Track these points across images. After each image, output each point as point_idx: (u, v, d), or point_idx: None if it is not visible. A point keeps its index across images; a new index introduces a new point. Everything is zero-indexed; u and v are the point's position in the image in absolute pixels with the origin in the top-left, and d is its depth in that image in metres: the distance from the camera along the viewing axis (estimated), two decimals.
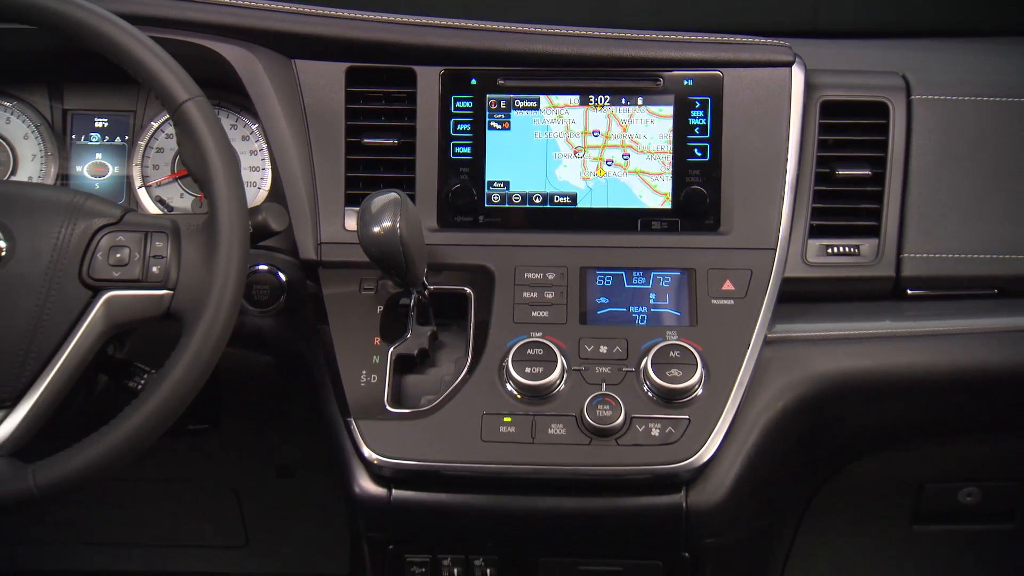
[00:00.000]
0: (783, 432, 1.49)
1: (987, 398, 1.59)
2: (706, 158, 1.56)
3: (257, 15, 1.59)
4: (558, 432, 1.42)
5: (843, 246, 1.56)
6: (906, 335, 1.54)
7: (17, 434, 1.31)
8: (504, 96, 1.58)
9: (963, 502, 1.76)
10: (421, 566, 1.52)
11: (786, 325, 1.52)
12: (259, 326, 1.55)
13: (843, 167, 1.56)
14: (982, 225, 1.56)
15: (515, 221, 1.58)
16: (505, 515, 1.47)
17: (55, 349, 1.33)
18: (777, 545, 1.76)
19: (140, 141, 1.68)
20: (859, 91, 1.59)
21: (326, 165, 1.57)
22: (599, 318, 1.50)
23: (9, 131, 1.69)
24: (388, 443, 1.43)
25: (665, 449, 1.41)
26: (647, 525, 1.47)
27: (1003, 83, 1.61)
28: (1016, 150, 1.58)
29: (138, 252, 1.36)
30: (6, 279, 1.33)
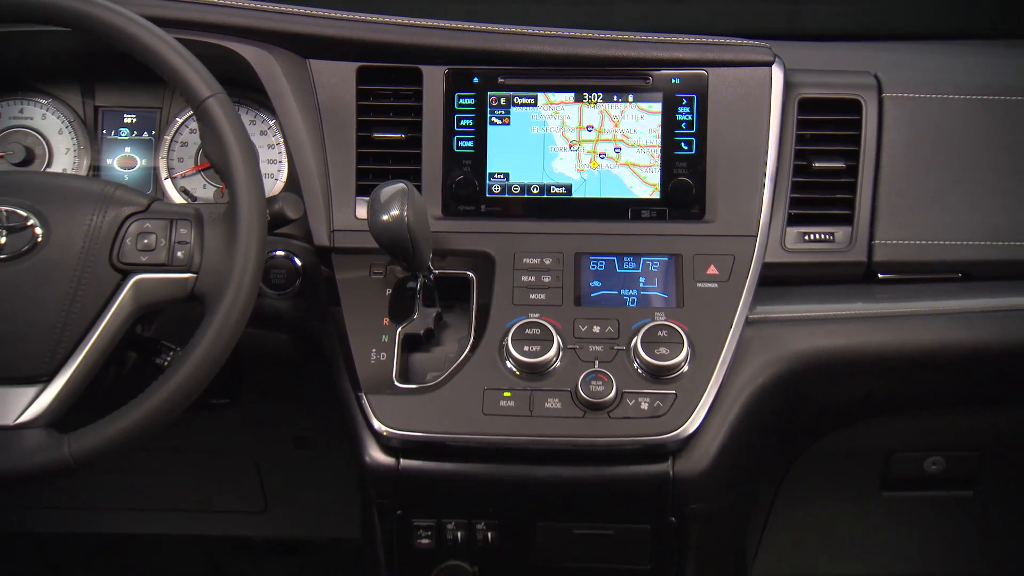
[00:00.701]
0: (763, 406, 1.49)
1: (951, 374, 1.58)
2: (692, 151, 1.56)
3: (275, 18, 1.58)
4: (554, 406, 1.42)
5: (819, 233, 1.55)
6: (877, 316, 1.53)
7: (53, 407, 1.31)
8: (504, 93, 1.58)
9: (928, 470, 1.76)
10: (427, 530, 1.51)
11: (766, 307, 1.52)
12: (276, 307, 1.54)
13: (819, 160, 1.56)
14: (947, 214, 1.56)
15: (514, 210, 1.58)
16: (505, 483, 1.47)
17: (87, 328, 1.33)
18: (757, 510, 1.76)
19: (166, 136, 1.68)
20: (834, 89, 1.58)
21: (338, 158, 1.56)
22: (592, 300, 1.50)
23: (45, 126, 1.68)
24: (396, 416, 1.43)
25: (653, 422, 1.41)
26: (636, 492, 1.47)
27: (968, 83, 1.60)
28: (979, 145, 1.58)
29: (164, 238, 1.36)
30: (42, 263, 1.33)
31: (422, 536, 1.52)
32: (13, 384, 1.32)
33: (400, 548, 1.53)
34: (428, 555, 1.53)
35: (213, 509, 2.09)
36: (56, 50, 1.63)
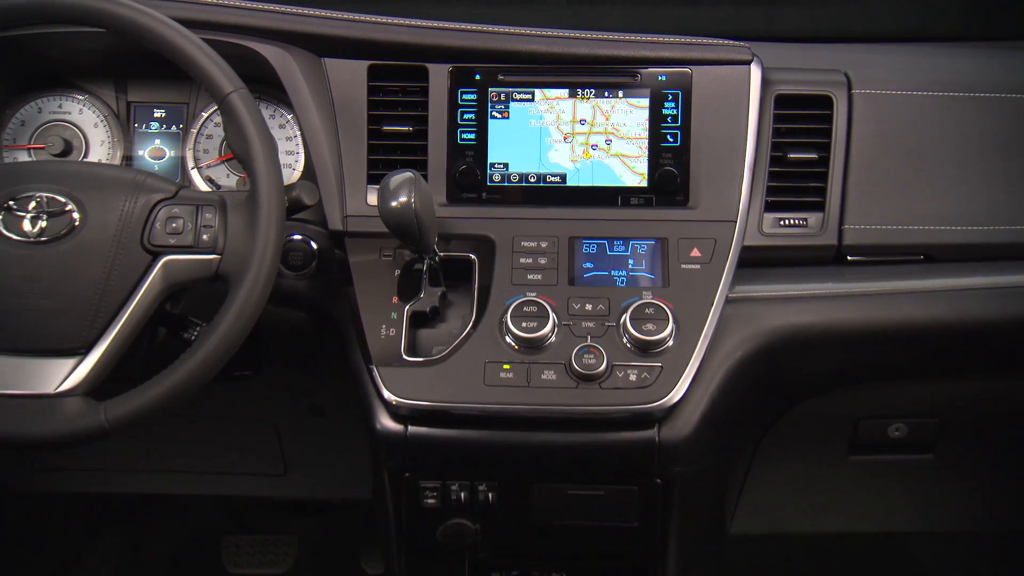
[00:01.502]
0: (741, 377, 1.48)
1: (912, 348, 1.57)
2: (677, 143, 1.55)
3: (292, 20, 1.57)
4: (550, 377, 1.42)
5: (793, 219, 1.54)
6: (846, 295, 1.53)
7: (90, 377, 1.31)
8: (504, 89, 1.56)
9: (891, 436, 1.76)
10: (433, 491, 1.51)
11: (744, 286, 1.51)
12: (294, 287, 1.53)
13: (794, 151, 1.55)
14: (910, 201, 1.55)
15: (513, 197, 1.56)
16: (504, 448, 1.46)
17: (121, 305, 1.32)
18: (735, 472, 1.76)
19: (192, 129, 1.67)
20: (808, 86, 1.57)
21: (351, 149, 1.55)
22: (585, 280, 1.49)
23: (82, 120, 1.67)
24: (405, 387, 1.43)
25: (641, 392, 1.41)
26: (625, 456, 1.46)
27: (931, 81, 1.59)
28: (940, 137, 1.57)
29: (191, 222, 1.35)
30: (79, 245, 1.33)
31: (428, 497, 1.51)
32: (54, 356, 1.31)
33: (408, 508, 1.53)
34: (434, 514, 1.52)
35: (237, 472, 2.08)
36: (92, 50, 1.62)
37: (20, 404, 1.30)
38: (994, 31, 1.86)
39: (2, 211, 1.33)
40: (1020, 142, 1.56)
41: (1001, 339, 1.57)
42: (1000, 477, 1.92)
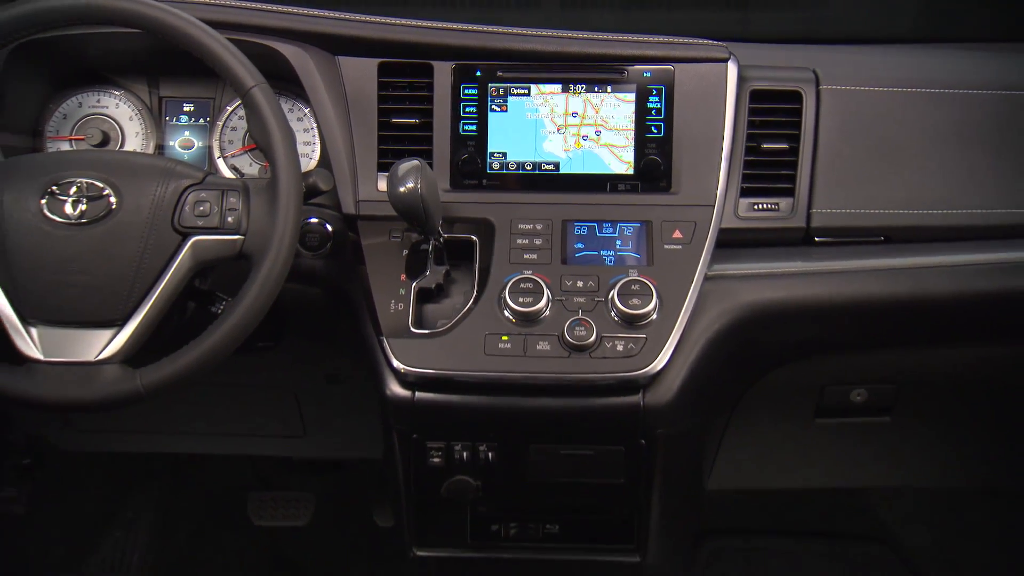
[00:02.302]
0: (718, 348, 1.48)
1: (873, 321, 1.57)
2: (661, 134, 1.53)
3: (309, 21, 1.56)
4: (544, 348, 1.41)
5: (766, 203, 1.53)
6: (813, 272, 1.52)
7: (127, 346, 1.30)
8: (502, 85, 1.55)
9: (853, 401, 1.75)
10: (438, 451, 1.51)
11: (722, 265, 1.50)
12: (311, 266, 1.52)
13: (767, 141, 1.54)
14: (872, 187, 1.54)
15: (511, 184, 1.55)
16: (503, 412, 1.46)
17: (154, 281, 1.32)
18: (712, 434, 1.75)
19: (218, 122, 1.65)
20: (780, 82, 1.56)
21: (362, 139, 1.54)
22: (576, 259, 1.48)
23: (118, 114, 1.66)
24: (412, 356, 1.42)
25: (627, 360, 1.40)
26: (612, 419, 1.46)
27: (891, 78, 1.58)
28: (899, 129, 1.56)
29: (217, 206, 1.35)
30: (116, 226, 1.32)
31: (434, 456, 1.51)
32: (94, 327, 1.31)
33: (416, 466, 1.52)
34: (439, 472, 1.52)
35: (260, 434, 2.08)
36: (128, 49, 1.61)
37: (64, 370, 1.30)
38: (947, 34, 1.84)
39: (46, 196, 1.33)
40: (971, 134, 1.55)
41: (953, 313, 1.56)
42: (951, 438, 1.92)
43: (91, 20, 1.36)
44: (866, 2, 1.97)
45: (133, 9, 1.33)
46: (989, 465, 1.99)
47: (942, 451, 1.94)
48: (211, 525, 2.41)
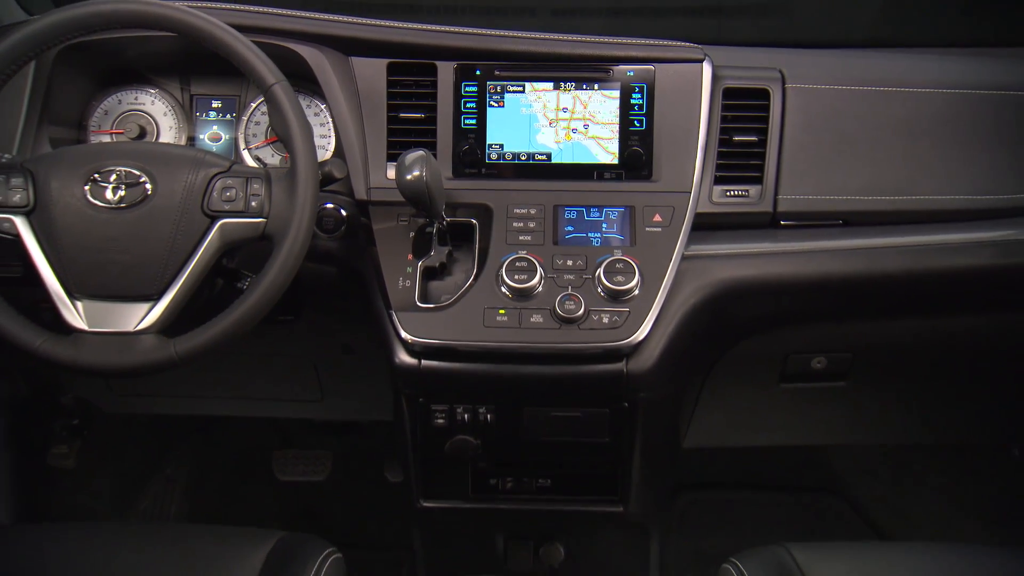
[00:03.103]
0: (694, 320, 1.46)
1: (832, 296, 1.55)
2: (643, 128, 1.52)
3: (325, 25, 1.54)
4: (537, 320, 1.40)
5: (737, 190, 1.52)
6: (779, 253, 1.51)
7: (162, 318, 1.30)
8: (500, 82, 1.53)
9: (814, 367, 1.74)
10: (442, 413, 1.50)
11: (697, 246, 1.48)
12: (327, 247, 1.50)
13: (738, 134, 1.52)
14: (832, 176, 1.52)
15: (507, 172, 1.53)
16: (500, 378, 1.45)
17: (185, 259, 1.31)
18: (688, 397, 1.75)
19: (243, 116, 1.63)
20: (749, 81, 1.54)
21: (373, 132, 1.52)
22: (567, 241, 1.46)
23: (154, 110, 1.64)
24: (418, 328, 1.41)
25: (612, 332, 1.39)
26: (598, 384, 1.45)
27: (849, 77, 1.57)
28: (856, 123, 1.54)
29: (242, 192, 1.33)
30: (151, 210, 1.31)
31: (438, 417, 1.50)
32: (132, 301, 1.30)
33: (422, 426, 1.51)
34: (443, 431, 1.51)
35: (283, 399, 2.07)
36: (162, 51, 1.59)
37: (106, 340, 1.29)
38: (898, 40, 1.82)
39: (89, 182, 1.31)
40: (919, 128, 1.53)
41: (904, 288, 1.54)
42: (901, 400, 1.92)
43: (130, 24, 1.34)
44: (826, 11, 1.96)
45: (168, 15, 1.32)
46: (934, 424, 1.99)
47: (892, 412, 1.94)
48: (239, 479, 2.41)
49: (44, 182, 1.32)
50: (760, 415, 1.86)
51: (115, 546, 1.38)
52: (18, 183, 1.32)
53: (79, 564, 1.33)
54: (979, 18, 1.94)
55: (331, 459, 2.35)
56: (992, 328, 1.67)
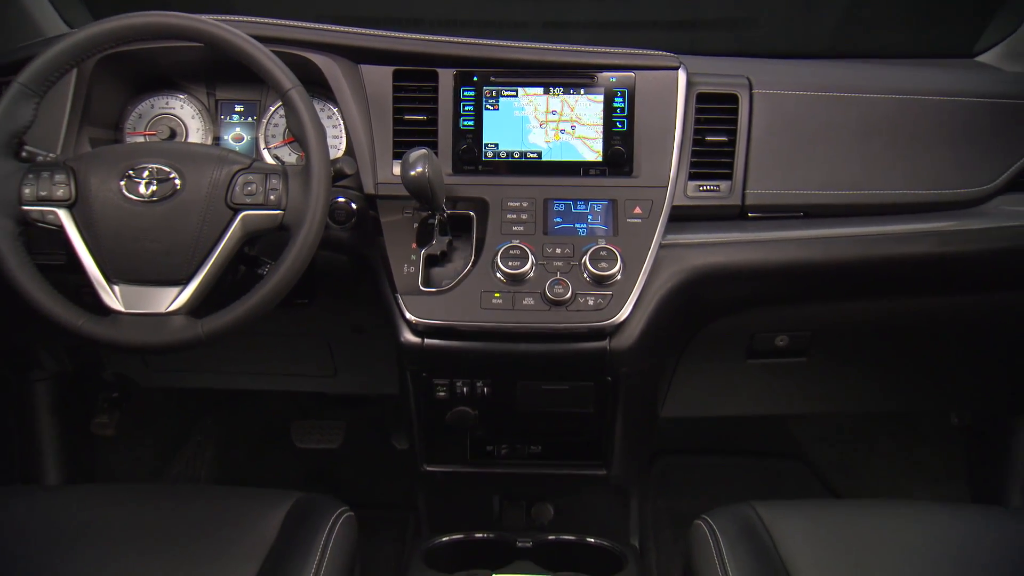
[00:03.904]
0: (670, 302, 1.45)
1: (793, 280, 1.54)
2: (624, 129, 1.50)
3: (337, 36, 1.52)
4: (529, 303, 1.39)
5: (709, 185, 1.50)
6: (746, 242, 1.49)
7: (190, 301, 1.28)
8: (495, 87, 1.51)
9: (777, 345, 1.72)
10: (443, 386, 1.48)
11: (673, 235, 1.47)
12: (339, 236, 1.48)
13: (710, 135, 1.50)
14: (794, 173, 1.51)
15: (502, 169, 1.51)
16: (495, 355, 1.43)
17: (211, 248, 1.29)
18: (665, 372, 1.73)
19: (263, 119, 1.61)
20: (720, 87, 1.52)
21: (380, 132, 1.50)
22: (556, 231, 1.45)
23: (183, 113, 1.62)
24: (421, 310, 1.40)
25: (597, 313, 1.38)
26: (584, 360, 1.43)
27: (809, 84, 1.55)
28: (815, 125, 1.52)
29: (261, 187, 1.31)
30: (180, 203, 1.29)
31: (439, 390, 1.48)
32: (163, 285, 1.29)
33: (425, 399, 1.50)
34: (444, 403, 1.50)
35: (300, 374, 2.06)
36: (191, 60, 1.57)
37: (140, 320, 1.28)
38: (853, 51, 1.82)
39: (124, 178, 1.30)
40: (871, 130, 1.52)
41: (858, 273, 1.53)
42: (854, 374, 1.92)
43: (162, 36, 1.33)
44: (788, 25, 1.96)
45: (196, 27, 1.31)
46: (883, 395, 1.98)
47: (846, 384, 1.93)
48: (262, 447, 2.40)
49: (84, 178, 1.30)
50: (729, 388, 1.85)
51: (151, 505, 1.37)
52: (61, 179, 1.30)
53: (119, 520, 1.33)
54: (923, 33, 1.95)
55: (344, 428, 2.34)
56: (934, 309, 1.66)
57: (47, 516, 1.33)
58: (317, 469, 2.34)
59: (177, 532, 1.31)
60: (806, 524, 1.31)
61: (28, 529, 1.30)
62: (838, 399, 1.95)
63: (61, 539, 1.29)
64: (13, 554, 1.26)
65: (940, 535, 1.29)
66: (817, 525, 1.31)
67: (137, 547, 1.28)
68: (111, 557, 1.26)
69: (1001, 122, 1.53)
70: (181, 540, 1.29)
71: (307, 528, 1.33)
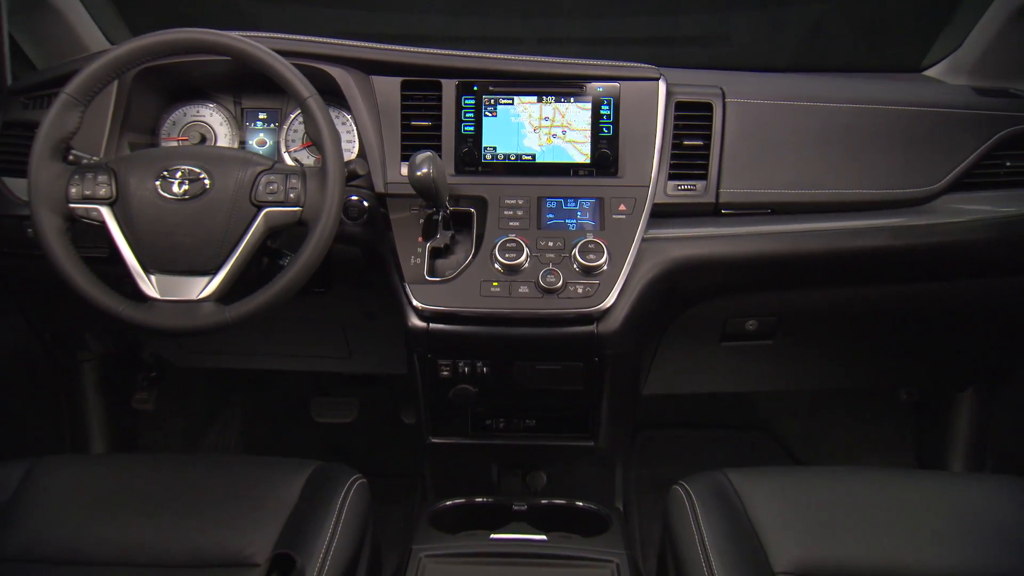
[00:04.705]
0: (651, 291, 1.43)
1: (762, 270, 1.52)
2: (610, 133, 1.48)
3: (351, 50, 1.50)
4: (524, 291, 1.37)
5: (686, 185, 1.48)
6: (720, 235, 1.47)
7: (219, 289, 1.27)
8: (493, 96, 1.49)
9: (747, 329, 1.70)
10: (447, 366, 1.47)
11: (654, 230, 1.45)
12: (352, 231, 1.47)
13: (687, 139, 1.49)
14: (763, 173, 1.50)
15: (499, 170, 1.49)
16: (493, 338, 1.41)
17: (237, 241, 1.28)
18: (647, 353, 1.72)
19: (284, 125, 1.59)
20: (696, 96, 1.50)
21: (389, 137, 1.48)
22: (548, 226, 1.43)
23: (212, 120, 1.60)
24: (427, 297, 1.38)
25: (585, 300, 1.37)
26: (574, 343, 1.42)
27: (776, 94, 1.54)
28: (782, 131, 1.51)
29: (282, 186, 1.30)
30: (210, 201, 1.28)
31: (443, 370, 1.47)
32: (195, 275, 1.28)
33: (431, 378, 1.48)
34: (447, 381, 1.48)
35: (318, 355, 2.04)
36: (219, 72, 1.55)
37: (174, 306, 1.27)
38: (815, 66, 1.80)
39: (159, 179, 1.29)
40: (832, 135, 1.50)
41: (818, 264, 1.52)
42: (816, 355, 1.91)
43: (193, 50, 1.32)
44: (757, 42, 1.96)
45: (223, 42, 1.30)
46: (842, 374, 1.97)
47: (809, 364, 1.92)
48: (284, 421, 2.39)
49: (124, 179, 1.29)
50: (704, 368, 1.83)
51: (185, 471, 1.37)
52: (104, 179, 1.29)
53: (157, 484, 1.32)
54: (876, 50, 1.95)
55: (357, 405, 2.33)
56: (887, 296, 1.65)
57: (93, 481, 1.33)
58: (333, 441, 2.33)
59: (209, 496, 1.30)
60: (771, 488, 1.31)
61: (77, 492, 1.30)
62: (801, 377, 1.94)
63: (105, 501, 1.29)
64: (64, 513, 1.26)
65: (889, 497, 1.29)
66: (781, 489, 1.31)
67: (173, 508, 1.27)
68: (149, 517, 1.26)
69: (945, 129, 1.52)
70: (212, 503, 1.28)
71: (324, 493, 1.32)
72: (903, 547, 1.19)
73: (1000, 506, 1.25)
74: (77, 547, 1.21)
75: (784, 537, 1.21)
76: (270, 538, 1.22)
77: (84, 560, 1.19)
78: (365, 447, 2.31)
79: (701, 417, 2.32)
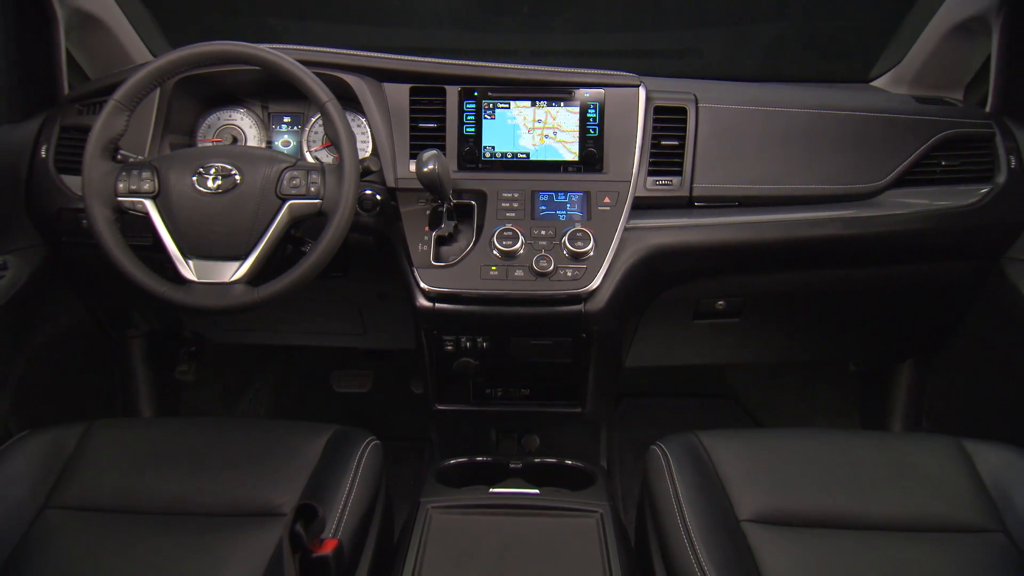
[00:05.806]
0: (633, 274, 1.42)
1: (730, 256, 1.51)
2: (596, 134, 1.46)
3: (364, 59, 1.48)
4: (519, 274, 1.36)
5: (664, 180, 1.47)
6: (693, 226, 1.46)
7: (248, 273, 1.26)
8: (492, 100, 1.47)
9: (717, 308, 1.69)
10: (451, 341, 1.46)
11: (635, 220, 1.44)
12: (366, 221, 1.45)
13: (664, 140, 1.47)
14: (731, 170, 1.48)
15: (497, 167, 1.48)
16: (492, 316, 1.40)
17: (264, 230, 1.27)
18: (629, 330, 1.70)
19: (306, 127, 1.57)
20: (673, 101, 1.49)
21: (399, 137, 1.46)
22: (541, 216, 1.42)
23: (242, 124, 1.58)
24: (433, 280, 1.37)
25: (574, 282, 1.36)
26: (564, 321, 1.40)
27: (743, 100, 1.52)
28: (748, 133, 1.49)
29: (304, 181, 1.28)
30: (240, 195, 1.27)
31: (447, 344, 1.46)
32: (227, 260, 1.27)
33: (436, 352, 1.47)
34: (451, 355, 1.47)
35: (336, 332, 2.02)
36: (249, 80, 1.54)
37: (210, 288, 1.26)
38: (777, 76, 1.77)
39: (196, 175, 1.28)
40: (791, 137, 1.49)
41: (780, 250, 1.51)
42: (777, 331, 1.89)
43: (226, 61, 1.30)
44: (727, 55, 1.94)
45: (253, 53, 1.28)
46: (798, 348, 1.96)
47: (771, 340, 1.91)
48: (307, 390, 2.37)
49: (165, 175, 1.28)
50: (679, 343, 1.82)
51: (221, 433, 1.36)
52: (147, 176, 1.28)
53: (196, 444, 1.32)
54: (830, 63, 1.94)
55: (372, 376, 2.32)
56: (839, 279, 1.64)
57: (142, 441, 1.33)
58: (351, 408, 2.32)
59: (242, 454, 1.29)
60: (736, 447, 1.31)
61: (128, 450, 1.30)
62: (763, 351, 1.94)
63: (153, 458, 1.28)
64: (117, 469, 1.26)
65: (838, 453, 1.30)
66: (745, 447, 1.31)
67: (212, 465, 1.27)
68: (191, 472, 1.26)
69: (889, 133, 1.51)
70: (246, 460, 1.28)
71: (343, 453, 1.31)
72: (849, 496, 1.21)
73: (932, 461, 1.27)
74: (129, 498, 1.21)
75: (747, 489, 1.22)
76: (296, 491, 1.22)
77: (135, 509, 1.20)
78: (379, 413, 2.30)
79: (676, 386, 2.31)
